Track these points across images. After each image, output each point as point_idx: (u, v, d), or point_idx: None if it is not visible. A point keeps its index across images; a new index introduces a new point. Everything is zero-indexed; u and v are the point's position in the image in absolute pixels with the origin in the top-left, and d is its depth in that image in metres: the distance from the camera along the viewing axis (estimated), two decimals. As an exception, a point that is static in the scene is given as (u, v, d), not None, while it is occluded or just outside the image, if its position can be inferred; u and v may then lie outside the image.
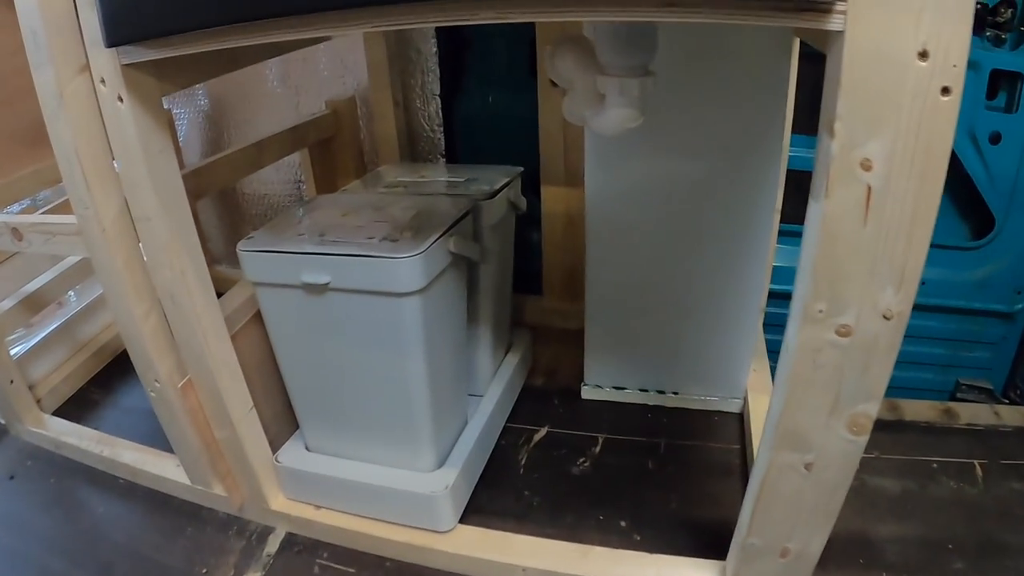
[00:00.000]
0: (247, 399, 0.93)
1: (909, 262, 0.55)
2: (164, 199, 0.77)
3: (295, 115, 1.44)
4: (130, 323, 0.88)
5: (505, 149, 1.35)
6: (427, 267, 0.83)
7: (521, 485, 1.03)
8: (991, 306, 1.18)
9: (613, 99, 0.75)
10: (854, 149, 0.52)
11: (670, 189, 1.03)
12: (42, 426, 1.21)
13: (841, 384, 0.61)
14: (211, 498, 1.03)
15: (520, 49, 1.27)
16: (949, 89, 0.48)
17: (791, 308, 0.63)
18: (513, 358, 1.23)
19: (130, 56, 0.69)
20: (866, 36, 0.48)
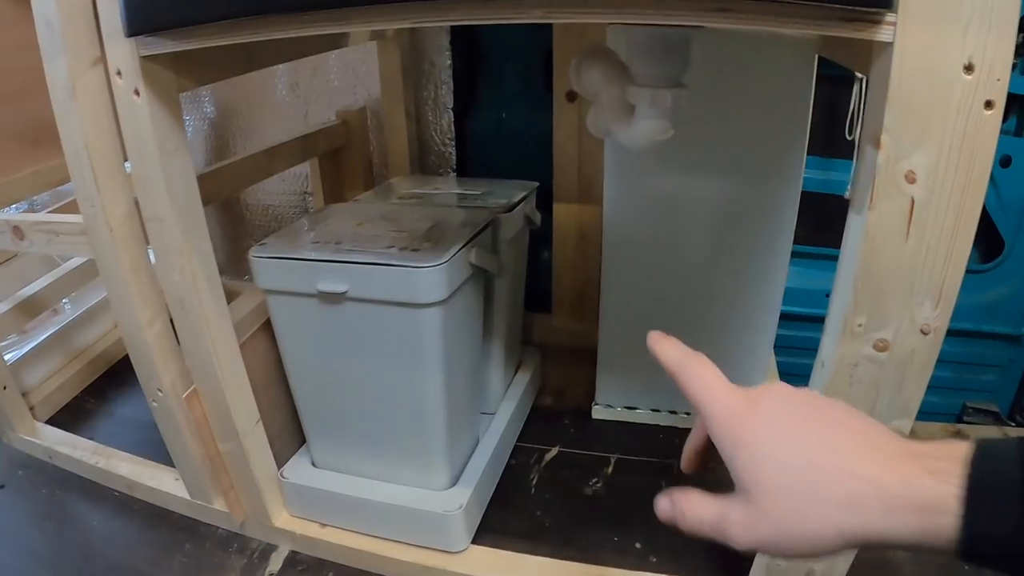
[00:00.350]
0: (254, 411, 0.91)
1: (948, 276, 0.54)
2: (177, 200, 0.75)
3: (303, 125, 1.42)
4: (134, 329, 0.85)
5: (517, 165, 1.34)
6: (449, 278, 0.81)
7: (533, 505, 1.00)
8: (999, 329, 1.18)
9: (644, 110, 0.74)
10: (899, 161, 0.51)
11: (689, 206, 1.02)
12: (35, 434, 1.18)
13: (877, 400, 0.60)
14: (211, 513, 1.00)
15: (535, 64, 1.27)
16: (992, 103, 0.48)
17: (827, 323, 0.62)
18: (523, 376, 1.21)
19: (150, 48, 0.67)
20: (915, 48, 0.48)
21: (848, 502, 0.37)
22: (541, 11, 0.54)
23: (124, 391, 1.33)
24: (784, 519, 0.39)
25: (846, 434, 0.40)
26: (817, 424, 0.41)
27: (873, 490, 0.36)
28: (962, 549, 0.34)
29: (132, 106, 0.70)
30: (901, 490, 0.36)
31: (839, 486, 0.37)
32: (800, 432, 0.40)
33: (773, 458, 0.40)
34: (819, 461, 0.38)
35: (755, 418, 0.42)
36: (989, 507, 0.34)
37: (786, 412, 0.42)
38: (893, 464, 0.37)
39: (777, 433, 0.41)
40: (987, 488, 0.34)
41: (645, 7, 0.51)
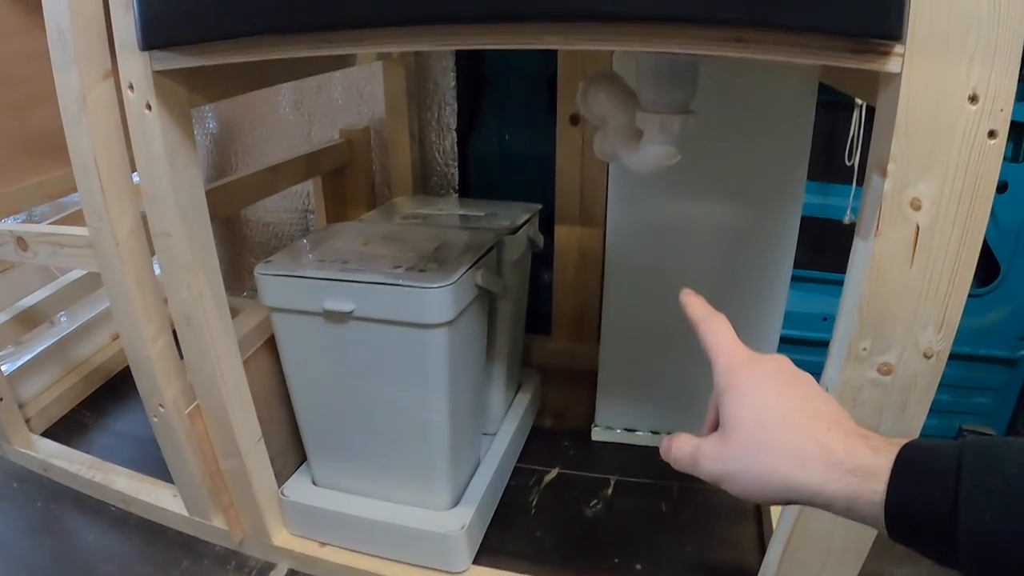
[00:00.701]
0: (256, 429, 0.91)
1: (951, 301, 0.56)
2: (186, 215, 0.76)
3: (307, 143, 1.43)
4: (138, 344, 0.85)
5: (519, 187, 1.35)
6: (456, 299, 0.81)
7: (533, 526, 1.00)
8: (995, 352, 1.19)
9: (652, 136, 0.75)
10: (905, 189, 0.52)
11: (691, 230, 1.03)
12: (31, 447, 1.17)
13: (880, 423, 0.61)
14: (209, 531, 0.99)
15: (539, 86, 1.28)
16: (996, 132, 0.50)
17: (832, 347, 0.63)
18: (523, 398, 1.21)
19: (163, 62, 0.68)
20: (922, 79, 0.49)
21: (799, 455, 0.44)
22: (559, 38, 0.55)
23: (121, 405, 1.32)
24: (744, 456, 0.46)
25: (816, 407, 0.46)
26: (799, 394, 0.48)
27: (822, 452, 0.43)
28: (886, 513, 0.41)
29: (143, 120, 0.71)
30: (843, 457, 0.42)
31: (795, 441, 0.44)
32: (783, 393, 0.47)
33: (753, 405, 0.47)
34: (788, 418, 0.46)
35: (753, 370, 0.49)
36: (911, 479, 0.40)
37: (779, 376, 0.49)
38: (844, 437, 0.43)
39: (764, 388, 0.48)
40: (912, 466, 0.41)
41: (664, 36, 0.52)
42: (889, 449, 0.42)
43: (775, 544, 0.76)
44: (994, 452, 0.39)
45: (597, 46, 0.54)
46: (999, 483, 0.37)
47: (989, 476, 0.38)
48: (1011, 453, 0.38)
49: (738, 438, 0.47)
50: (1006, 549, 0.36)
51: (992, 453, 0.39)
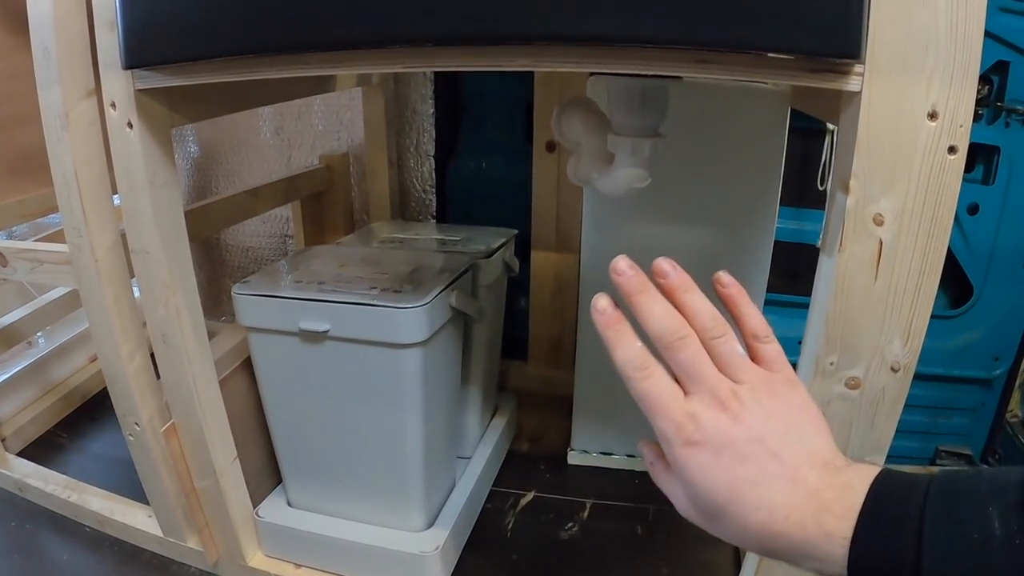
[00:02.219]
0: (232, 449, 0.90)
1: (916, 315, 0.57)
2: (165, 233, 0.76)
3: (286, 168, 1.44)
4: (115, 361, 0.85)
5: (496, 213, 1.36)
6: (430, 319, 0.82)
7: (509, 549, 1.00)
8: (970, 373, 1.20)
9: (623, 159, 0.77)
10: (868, 205, 0.53)
11: (665, 255, 1.03)
12: (6, 466, 1.16)
13: (849, 437, 0.62)
14: (184, 552, 0.98)
15: (516, 114, 1.30)
16: (956, 148, 0.51)
17: (800, 362, 0.64)
18: (499, 422, 1.21)
19: (146, 81, 0.69)
20: (881, 97, 0.50)
21: (764, 547, 0.44)
22: (527, 59, 0.56)
23: (98, 427, 1.31)
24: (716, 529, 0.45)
25: (774, 485, 0.44)
26: (750, 473, 0.44)
27: (785, 544, 0.43)
28: None
29: (125, 138, 0.72)
30: (806, 548, 0.42)
31: (759, 538, 0.43)
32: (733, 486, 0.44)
33: (707, 502, 0.45)
34: (747, 517, 0.43)
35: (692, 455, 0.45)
36: (864, 569, 0.40)
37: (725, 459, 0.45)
38: (802, 525, 0.42)
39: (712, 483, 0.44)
40: (862, 556, 0.40)
41: (629, 57, 0.54)
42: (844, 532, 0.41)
43: (748, 564, 0.76)
44: (957, 513, 0.39)
45: (565, 67, 0.55)
46: (961, 551, 0.37)
47: (952, 544, 0.38)
48: (973, 510, 0.38)
49: (700, 517, 0.47)
50: None
51: (954, 514, 0.39)
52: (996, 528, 0.37)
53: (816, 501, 0.43)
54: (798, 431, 0.46)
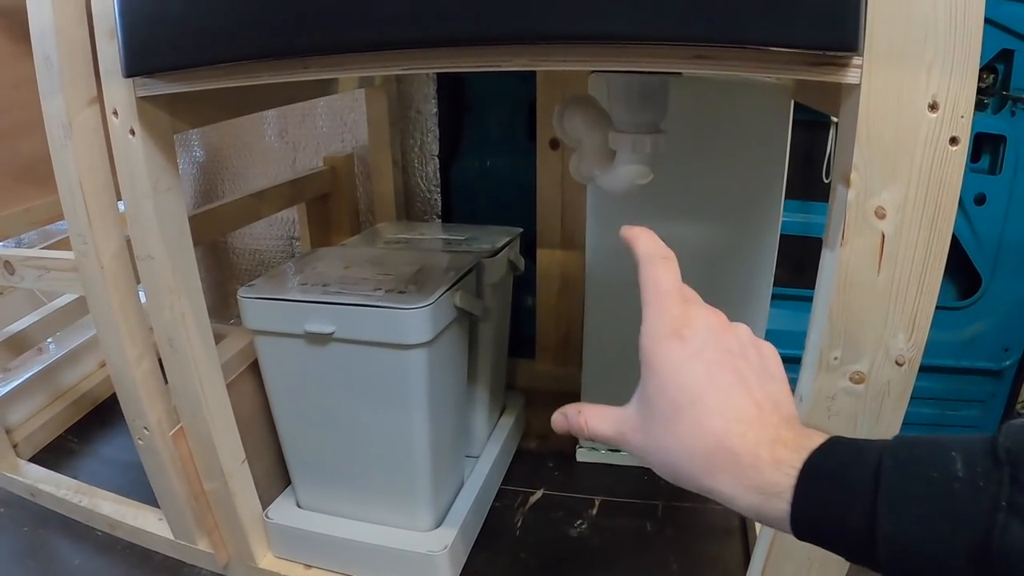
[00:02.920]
0: (240, 451, 0.91)
1: (920, 308, 0.56)
2: (169, 239, 0.77)
3: (291, 171, 1.44)
4: (122, 366, 0.86)
5: (501, 212, 1.36)
6: (434, 320, 0.82)
7: (518, 547, 1.00)
8: (979, 364, 1.20)
9: (625, 155, 0.77)
10: (869, 198, 0.53)
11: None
12: (17, 472, 1.17)
13: (855, 431, 0.61)
14: (195, 554, 0.99)
15: (519, 112, 1.30)
16: (957, 139, 0.51)
17: (804, 357, 0.63)
18: (507, 420, 1.21)
19: (147, 89, 0.69)
20: (881, 88, 0.50)
21: (709, 465, 0.42)
22: (526, 59, 0.56)
23: (108, 431, 1.32)
24: (658, 448, 0.44)
25: (741, 401, 0.43)
26: (723, 379, 0.44)
27: (731, 464, 0.41)
28: (793, 529, 0.39)
29: (127, 145, 0.72)
30: (752, 472, 0.40)
31: (707, 449, 0.42)
32: (702, 382, 0.44)
33: (671, 398, 0.44)
34: (704, 421, 0.43)
35: (675, 348, 0.46)
36: (817, 495, 0.38)
37: (702, 356, 0.45)
38: (755, 447, 0.41)
39: (683, 375, 0.44)
40: (820, 480, 0.39)
41: (627, 55, 0.53)
42: (793, 462, 0.40)
43: (756, 558, 0.75)
44: (916, 454, 0.37)
45: (563, 66, 0.55)
46: (920, 489, 0.36)
47: (910, 482, 0.36)
48: (934, 455, 0.37)
49: (654, 428, 0.44)
50: (930, 555, 0.35)
51: (914, 455, 0.37)
52: (959, 470, 0.35)
53: (774, 432, 0.42)
54: (775, 382, 0.46)
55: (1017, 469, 0.34)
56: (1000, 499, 0.33)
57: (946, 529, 0.34)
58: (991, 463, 0.35)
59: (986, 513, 0.34)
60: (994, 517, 0.33)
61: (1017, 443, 0.35)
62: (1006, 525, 0.33)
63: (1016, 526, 0.33)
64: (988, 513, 0.34)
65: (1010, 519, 0.33)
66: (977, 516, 0.34)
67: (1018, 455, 0.35)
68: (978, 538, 0.33)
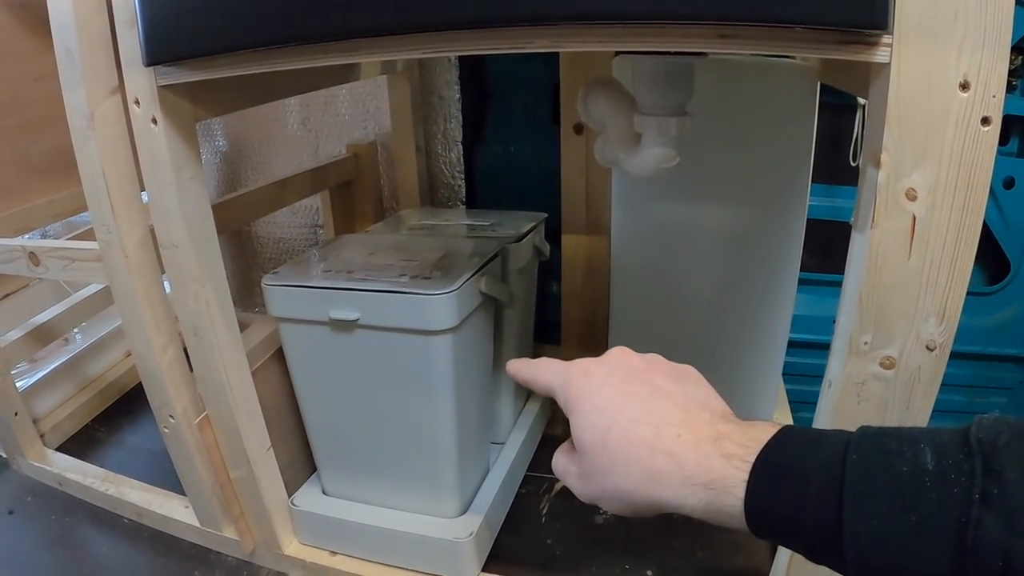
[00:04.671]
0: (265, 439, 0.91)
1: (952, 292, 0.55)
2: (193, 227, 0.77)
3: (314, 159, 1.45)
4: (148, 355, 0.86)
5: (525, 197, 1.36)
6: (460, 305, 0.82)
7: (543, 534, 1.00)
8: (1008, 351, 1.18)
9: (651, 138, 0.76)
10: (900, 179, 0.52)
11: (695, 235, 1.03)
12: (45, 461, 1.19)
13: (885, 419, 0.60)
14: (221, 541, 1.00)
15: (543, 97, 1.29)
16: (989, 119, 0.49)
17: (834, 343, 0.62)
18: (533, 407, 1.21)
19: (168, 77, 0.69)
20: (911, 68, 0.49)
21: (650, 474, 0.41)
22: (548, 40, 0.55)
23: (134, 420, 1.34)
24: (601, 480, 0.44)
25: (662, 407, 0.43)
26: (637, 392, 0.44)
27: (672, 466, 0.40)
28: (749, 525, 0.39)
29: (150, 134, 0.72)
30: (697, 470, 0.40)
31: (644, 459, 0.41)
32: (622, 403, 0.44)
33: (593, 427, 0.44)
34: (630, 432, 0.42)
35: (585, 385, 0.46)
36: (772, 489, 0.37)
37: (611, 380, 0.46)
38: (695, 444, 0.40)
39: (600, 402, 0.45)
40: (774, 474, 0.38)
41: (649, 35, 0.53)
42: (745, 456, 0.38)
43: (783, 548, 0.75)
44: (883, 446, 0.36)
45: (584, 47, 0.55)
46: (888, 483, 0.34)
47: (876, 476, 0.34)
48: (902, 446, 0.35)
49: (590, 462, 0.44)
50: (899, 553, 0.33)
51: (881, 447, 0.36)
52: (928, 462, 0.34)
53: (711, 429, 0.41)
54: (697, 385, 0.47)
55: (990, 459, 0.32)
56: (973, 491, 0.32)
57: (916, 525, 0.33)
58: (963, 454, 0.33)
59: (958, 507, 0.32)
60: (967, 511, 0.32)
61: (990, 433, 0.33)
62: (980, 519, 0.31)
63: (990, 519, 0.31)
64: (961, 507, 0.32)
65: (984, 512, 0.31)
66: (949, 510, 0.32)
67: (991, 445, 0.33)
68: (951, 534, 0.32)
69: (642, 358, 0.48)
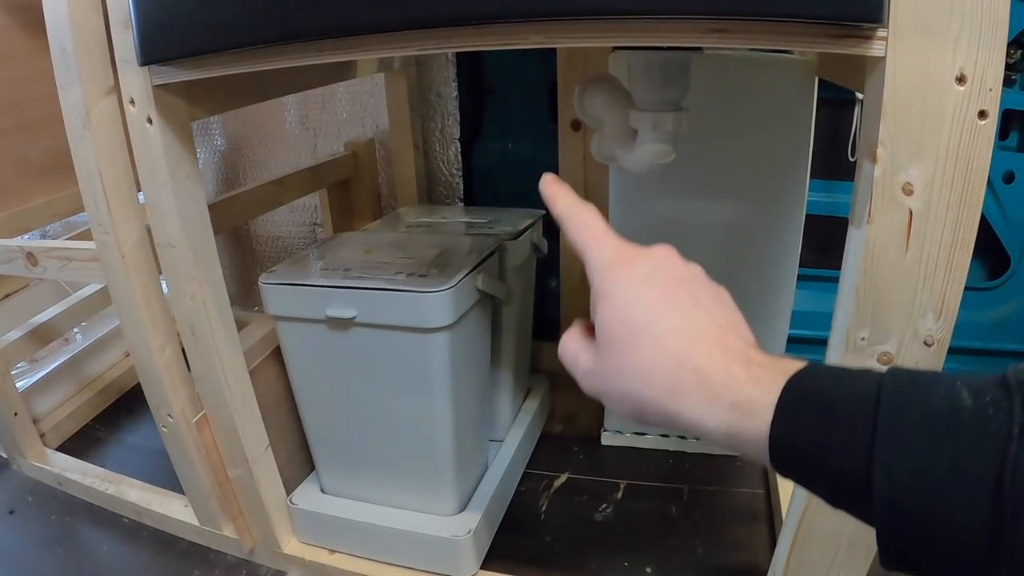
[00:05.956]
0: (263, 437, 0.91)
1: (950, 287, 0.54)
2: (189, 226, 0.77)
3: (312, 158, 1.44)
4: (145, 355, 0.86)
5: (523, 194, 1.34)
6: (456, 303, 0.82)
7: (543, 531, 1.00)
8: (1008, 346, 1.17)
9: (646, 134, 0.76)
10: (896, 174, 0.52)
11: (693, 231, 1.02)
12: (45, 461, 1.19)
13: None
14: (220, 540, 1.00)
15: (540, 94, 1.28)
16: (986, 113, 0.49)
17: (831, 338, 0.62)
18: (532, 404, 1.21)
19: (162, 77, 0.69)
20: (907, 61, 0.48)
21: (673, 387, 0.39)
22: (541, 36, 0.55)
23: (134, 420, 1.34)
24: (617, 380, 0.41)
25: (701, 321, 0.40)
26: (680, 300, 0.41)
27: (699, 383, 0.38)
28: (771, 453, 0.36)
29: (145, 134, 0.72)
30: (723, 390, 0.37)
31: (671, 369, 0.39)
32: (662, 306, 0.41)
33: (627, 322, 0.41)
34: (664, 340, 0.39)
35: (629, 275, 0.43)
36: (803, 415, 0.35)
37: (659, 280, 0.42)
38: (726, 364, 0.38)
39: (641, 297, 0.41)
40: (806, 400, 0.35)
41: (642, 30, 0.52)
42: (774, 379, 0.37)
43: (783, 541, 0.75)
44: (918, 382, 0.34)
45: (577, 43, 0.55)
46: (924, 416, 0.32)
47: (912, 409, 0.33)
48: (938, 383, 0.33)
49: (611, 359, 0.41)
50: (933, 487, 0.31)
51: (916, 383, 0.34)
52: (966, 398, 0.32)
53: (744, 353, 0.39)
54: (735, 312, 0.44)
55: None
56: (1012, 428, 0.31)
57: (953, 460, 0.31)
58: (1001, 393, 0.32)
59: (997, 443, 0.31)
60: (1006, 447, 0.30)
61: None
62: (1019, 455, 0.30)
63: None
64: (999, 443, 0.31)
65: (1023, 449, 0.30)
66: (987, 446, 0.31)
67: None
68: (989, 469, 0.30)
69: (687, 266, 0.45)
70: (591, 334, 0.45)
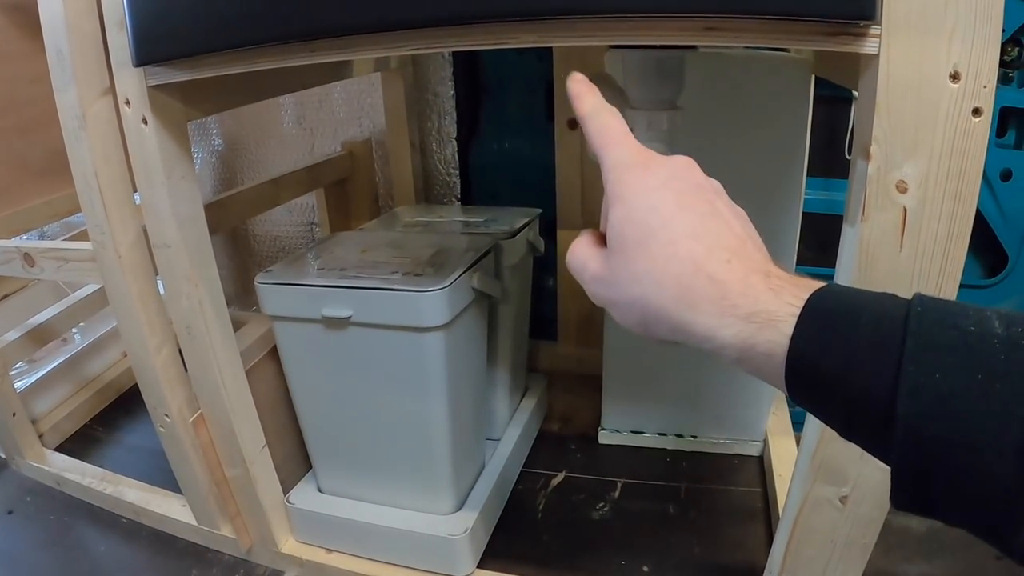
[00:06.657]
0: (260, 437, 0.91)
1: (944, 284, 0.55)
2: (184, 227, 0.77)
3: (309, 157, 1.44)
4: (142, 355, 0.86)
5: (521, 194, 1.36)
6: (451, 302, 0.82)
7: (540, 530, 1.00)
8: (1007, 344, 1.17)
9: (641, 133, 0.75)
10: (890, 172, 0.52)
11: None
12: (44, 461, 1.19)
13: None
14: (218, 540, 1.00)
15: (537, 93, 1.28)
16: (980, 110, 0.49)
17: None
18: (529, 403, 1.21)
19: (157, 77, 0.69)
20: (900, 59, 0.48)
21: (685, 294, 0.37)
22: (535, 35, 0.55)
23: (132, 420, 1.34)
24: (627, 287, 0.39)
25: (719, 229, 0.39)
26: (698, 207, 0.40)
27: (714, 292, 0.36)
28: (787, 369, 0.34)
29: (140, 134, 0.72)
30: (740, 300, 0.35)
31: (685, 276, 0.37)
32: (678, 211, 0.39)
33: (641, 225, 0.39)
34: (679, 245, 0.38)
35: (645, 178, 0.41)
36: (828, 329, 0.33)
37: (676, 186, 0.41)
38: (744, 274, 0.36)
39: (656, 202, 0.40)
40: (831, 314, 0.33)
41: (635, 29, 0.52)
42: (796, 293, 0.35)
43: (779, 540, 0.75)
44: (947, 307, 0.32)
45: (570, 41, 0.54)
46: (954, 340, 0.30)
47: (942, 332, 0.31)
48: (967, 311, 0.32)
49: (621, 263, 0.40)
50: (961, 414, 0.30)
51: (945, 307, 0.32)
52: (997, 327, 0.31)
53: (763, 266, 0.37)
54: (752, 227, 0.42)
55: None
56: None
57: (984, 386, 0.29)
58: None
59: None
60: None
61: None
62: None
63: None
64: None
65: None
66: (1019, 374, 0.29)
67: None
68: (1020, 397, 0.29)
69: (708, 179, 0.44)
70: (601, 242, 0.44)
